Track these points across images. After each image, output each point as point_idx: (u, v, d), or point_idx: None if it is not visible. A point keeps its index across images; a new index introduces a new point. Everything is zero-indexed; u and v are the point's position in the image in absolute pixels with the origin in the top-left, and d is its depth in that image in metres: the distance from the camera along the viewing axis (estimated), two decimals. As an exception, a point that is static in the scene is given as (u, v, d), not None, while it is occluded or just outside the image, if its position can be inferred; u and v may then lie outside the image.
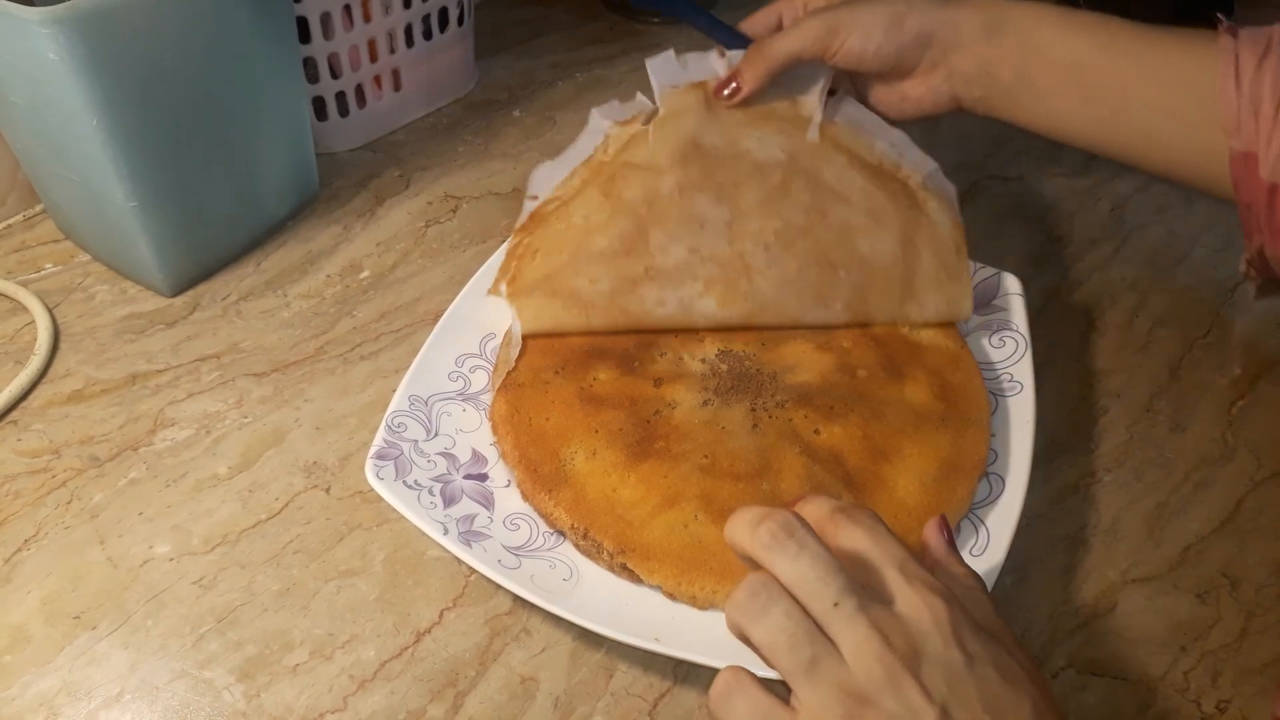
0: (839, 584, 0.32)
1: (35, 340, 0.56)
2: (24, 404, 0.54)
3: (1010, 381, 0.52)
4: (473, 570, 0.46)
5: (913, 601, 0.32)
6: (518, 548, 0.45)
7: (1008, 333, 0.54)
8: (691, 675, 0.44)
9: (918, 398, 0.50)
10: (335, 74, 0.67)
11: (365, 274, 0.62)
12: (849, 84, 0.58)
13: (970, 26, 0.53)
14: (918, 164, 0.57)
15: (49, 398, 0.54)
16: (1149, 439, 0.55)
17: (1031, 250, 0.66)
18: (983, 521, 0.47)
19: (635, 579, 0.44)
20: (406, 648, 0.45)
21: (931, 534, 0.38)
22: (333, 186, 0.67)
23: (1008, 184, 0.71)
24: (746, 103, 0.56)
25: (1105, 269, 0.65)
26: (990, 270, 0.57)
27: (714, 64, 0.58)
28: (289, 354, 0.57)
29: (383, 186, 0.68)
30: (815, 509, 0.36)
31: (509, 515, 0.47)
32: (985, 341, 0.55)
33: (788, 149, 0.56)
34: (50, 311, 0.58)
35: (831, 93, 0.57)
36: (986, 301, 0.56)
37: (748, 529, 0.34)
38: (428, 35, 0.71)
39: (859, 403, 0.49)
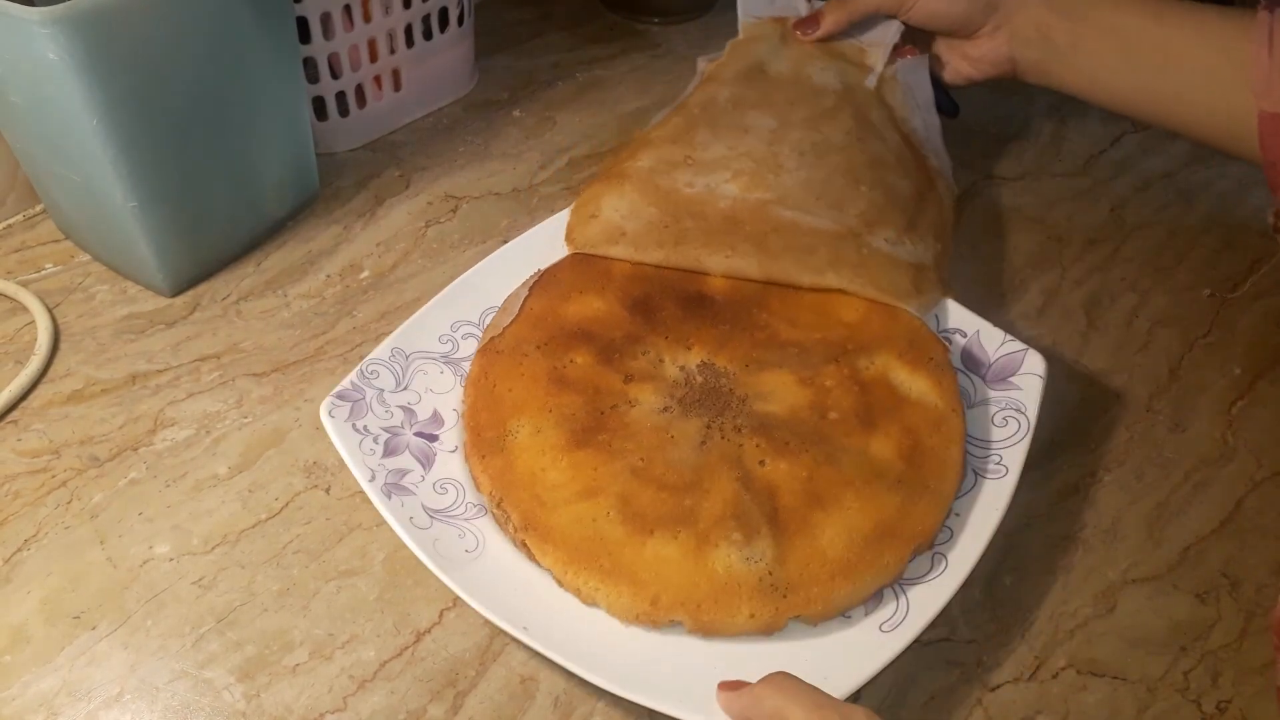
0: None
1: (35, 340, 0.56)
2: (24, 404, 0.54)
3: (997, 464, 0.49)
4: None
5: None
6: (437, 510, 0.46)
7: (1014, 413, 0.51)
8: (691, 675, 0.44)
9: (881, 453, 0.47)
10: (335, 74, 0.67)
11: (365, 274, 0.62)
12: (921, 37, 0.65)
13: None
14: (937, 154, 0.63)
15: (49, 398, 0.54)
16: (1149, 439, 0.55)
17: (1031, 250, 0.66)
18: (905, 594, 0.44)
19: (533, 558, 0.45)
20: (406, 648, 0.45)
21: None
22: (333, 186, 0.67)
23: (1008, 184, 0.71)
24: (821, 42, 0.65)
25: (1105, 269, 0.65)
26: (1018, 345, 0.53)
27: (798, 4, 0.68)
28: (289, 354, 0.57)
29: (383, 186, 0.68)
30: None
31: (441, 479, 0.48)
32: (989, 417, 0.51)
33: (846, 83, 0.63)
34: (50, 311, 0.58)
35: (903, 51, 0.65)
36: (1003, 377, 0.52)
37: None
38: (428, 35, 0.71)
39: (817, 444, 0.47)
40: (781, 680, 0.38)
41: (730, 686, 0.39)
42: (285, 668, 0.44)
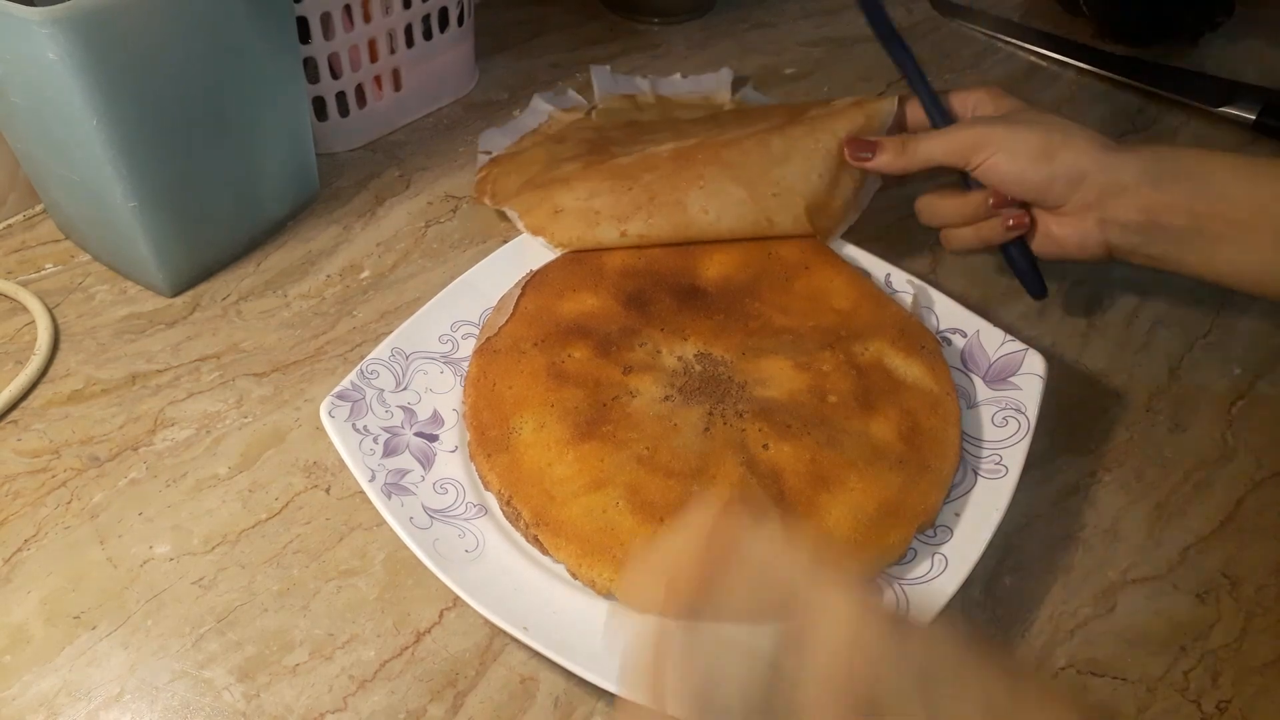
0: None
1: (35, 340, 0.56)
2: (24, 404, 0.54)
3: (996, 464, 0.49)
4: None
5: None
6: (437, 510, 0.46)
7: (1014, 413, 0.50)
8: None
9: (882, 434, 0.48)
10: (335, 74, 0.67)
11: (365, 274, 0.62)
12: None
13: (1133, 171, 0.50)
14: None
15: (49, 398, 0.54)
16: (1149, 439, 0.55)
17: (1031, 250, 0.66)
18: (905, 594, 0.44)
19: (545, 552, 0.45)
20: (406, 648, 0.45)
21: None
22: (333, 186, 0.67)
23: (1008, 184, 0.71)
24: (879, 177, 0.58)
25: (1105, 269, 0.65)
26: (1018, 345, 0.53)
27: (639, 83, 0.76)
28: (289, 354, 0.57)
29: (383, 186, 0.68)
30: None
31: (441, 479, 0.48)
32: (988, 417, 0.51)
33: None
34: (50, 311, 0.58)
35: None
36: (1003, 377, 0.52)
37: None
38: (428, 35, 0.71)
39: (818, 427, 0.48)
40: None
41: None
42: (285, 668, 0.44)
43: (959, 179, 0.55)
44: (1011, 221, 0.54)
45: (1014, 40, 0.85)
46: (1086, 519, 0.52)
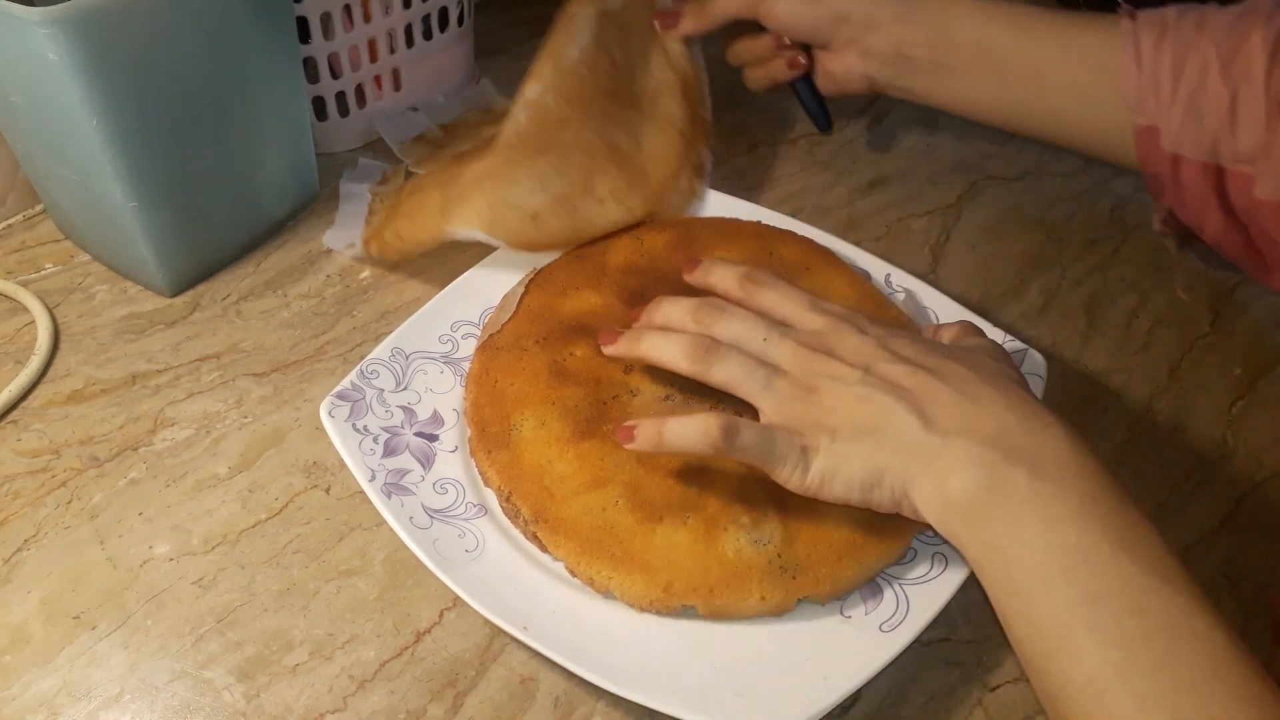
0: (763, 326, 0.43)
1: (35, 340, 0.56)
2: (24, 404, 0.54)
3: None
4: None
5: (819, 321, 0.44)
6: (436, 510, 0.46)
7: None
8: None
9: None
10: (335, 74, 0.67)
11: (365, 274, 0.62)
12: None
13: (885, 7, 0.56)
14: None
15: (49, 398, 0.54)
16: (1149, 439, 0.55)
17: (1031, 250, 0.66)
18: (905, 594, 0.44)
19: (545, 550, 0.45)
20: (406, 648, 0.45)
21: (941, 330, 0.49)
22: (332, 186, 0.67)
23: (1008, 184, 0.71)
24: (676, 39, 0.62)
25: (1105, 269, 0.65)
26: (1018, 345, 0.53)
27: (421, 120, 0.71)
28: (289, 354, 0.57)
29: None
30: (723, 280, 0.47)
31: (441, 479, 0.48)
32: None
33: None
34: (50, 311, 0.58)
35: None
36: None
37: (685, 314, 0.45)
38: (428, 35, 0.71)
39: None
40: None
41: None
42: (285, 668, 0.44)
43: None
44: (790, 60, 0.61)
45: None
46: (1086, 519, 0.52)
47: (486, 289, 0.55)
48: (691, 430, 0.41)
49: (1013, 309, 0.62)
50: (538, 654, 0.43)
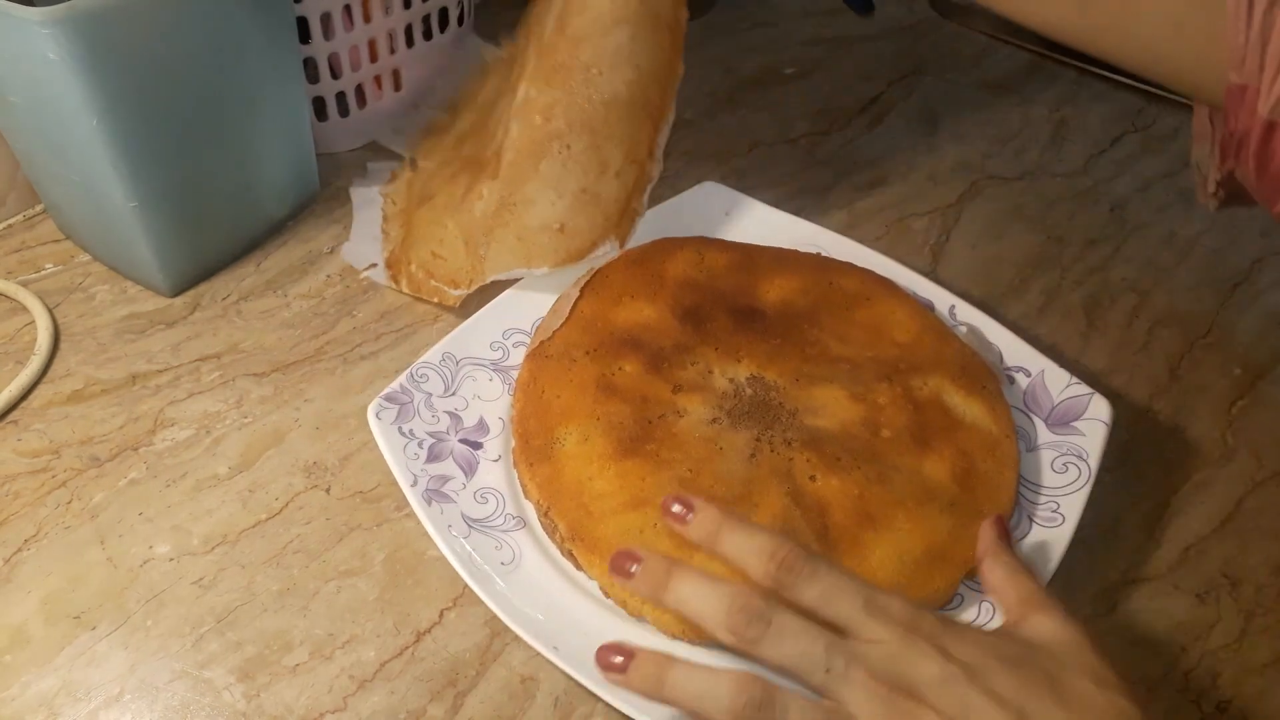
0: (822, 649, 0.35)
1: (35, 340, 0.56)
2: (24, 404, 0.54)
3: (1053, 512, 0.47)
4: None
5: (882, 631, 0.35)
6: (475, 519, 0.46)
7: (1074, 459, 0.49)
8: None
9: (935, 474, 0.46)
10: (335, 74, 0.67)
11: (365, 274, 0.62)
12: None
13: None
14: None
15: (49, 398, 0.54)
16: (1149, 439, 0.55)
17: (1031, 250, 0.66)
18: None
19: (579, 567, 0.45)
20: (406, 648, 0.45)
21: (984, 532, 0.43)
22: (332, 186, 0.67)
23: (1008, 184, 0.71)
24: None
25: (1105, 269, 0.65)
26: (1084, 389, 0.51)
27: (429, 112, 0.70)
28: (289, 354, 0.57)
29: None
30: (743, 556, 0.38)
31: (483, 488, 0.47)
32: (1048, 462, 0.49)
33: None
34: (50, 311, 0.58)
35: None
36: (1066, 421, 0.50)
37: (721, 620, 0.36)
38: (428, 35, 0.71)
39: (869, 462, 0.46)
40: None
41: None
42: (285, 668, 0.44)
43: None
44: None
45: (1014, 40, 0.85)
46: (1086, 519, 0.51)
47: (541, 297, 0.54)
48: (712, 691, 0.34)
49: (1013, 309, 0.62)
50: (538, 654, 0.44)
